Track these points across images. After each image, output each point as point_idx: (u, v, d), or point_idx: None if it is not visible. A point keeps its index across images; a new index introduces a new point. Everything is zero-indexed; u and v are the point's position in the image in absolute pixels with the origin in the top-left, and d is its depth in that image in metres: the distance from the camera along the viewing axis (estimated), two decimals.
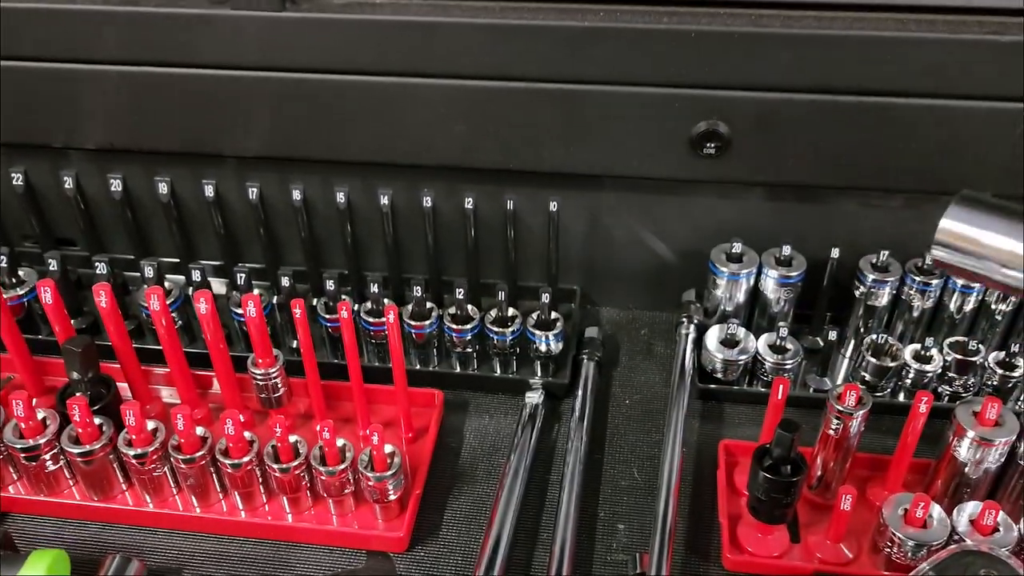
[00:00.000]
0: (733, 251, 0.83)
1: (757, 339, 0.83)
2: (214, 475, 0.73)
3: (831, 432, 0.70)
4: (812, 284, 0.84)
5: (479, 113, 0.80)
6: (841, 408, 0.68)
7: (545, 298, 0.82)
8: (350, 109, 0.81)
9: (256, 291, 0.85)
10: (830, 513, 0.70)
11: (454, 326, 0.83)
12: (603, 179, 0.85)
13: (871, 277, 0.81)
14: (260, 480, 0.73)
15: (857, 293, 0.83)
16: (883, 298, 0.82)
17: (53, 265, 0.85)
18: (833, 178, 0.80)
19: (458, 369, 0.86)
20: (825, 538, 0.70)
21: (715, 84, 0.76)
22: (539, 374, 0.85)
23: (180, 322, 0.86)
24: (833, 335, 0.81)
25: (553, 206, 0.83)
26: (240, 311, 0.84)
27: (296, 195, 0.85)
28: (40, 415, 0.72)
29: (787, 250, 0.83)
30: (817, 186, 0.82)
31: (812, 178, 0.80)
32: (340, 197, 0.85)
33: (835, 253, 0.81)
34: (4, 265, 0.86)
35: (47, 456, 0.72)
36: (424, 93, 0.79)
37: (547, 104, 0.78)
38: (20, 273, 0.88)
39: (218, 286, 0.92)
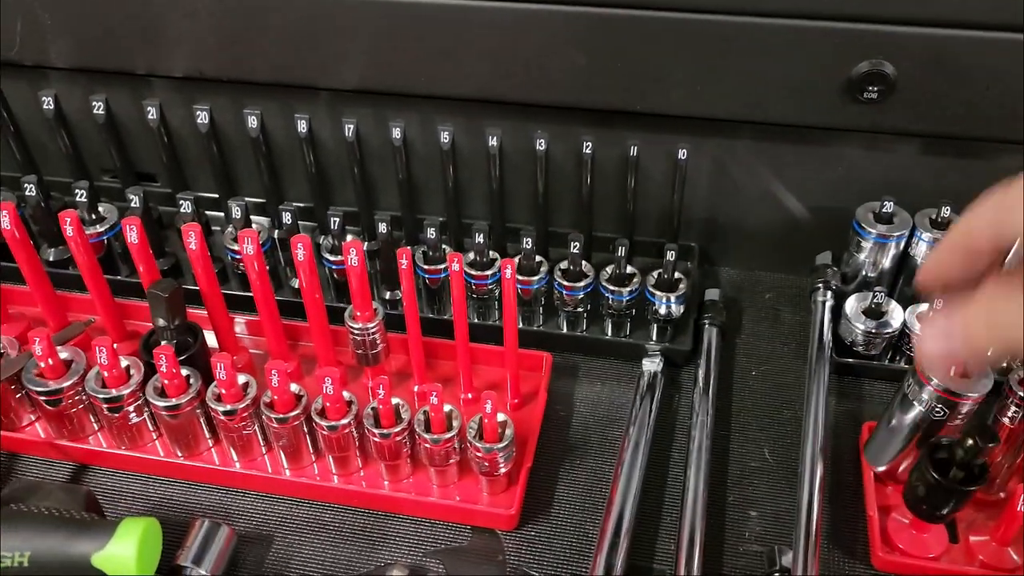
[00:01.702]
0: (883, 211, 0.74)
1: (905, 310, 0.74)
2: (307, 436, 0.67)
3: (1006, 421, 0.61)
4: None
5: (603, 45, 0.71)
6: None
7: (670, 255, 0.73)
8: (457, 38, 0.73)
9: (348, 236, 0.78)
10: (996, 512, 0.62)
11: (565, 283, 0.75)
12: (737, 125, 0.75)
13: None
14: (357, 444, 0.66)
15: None
16: None
17: (135, 201, 0.80)
18: (1006, 131, 0.70)
19: (565, 330, 0.78)
20: (991, 540, 0.62)
21: (882, 18, 0.66)
22: (655, 339, 0.77)
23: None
24: None
25: (682, 154, 0.75)
26: (332, 258, 0.78)
27: (396, 133, 0.78)
28: (123, 363, 0.67)
29: (946, 211, 0.73)
30: (985, 139, 0.72)
31: (982, 130, 0.70)
32: (444, 137, 0.77)
33: None
34: (84, 200, 0.80)
35: (130, 408, 0.67)
36: (542, 21, 0.70)
37: (682, 38, 0.69)
38: (100, 209, 0.83)
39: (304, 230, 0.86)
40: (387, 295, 0.81)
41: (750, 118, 0.73)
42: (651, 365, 0.74)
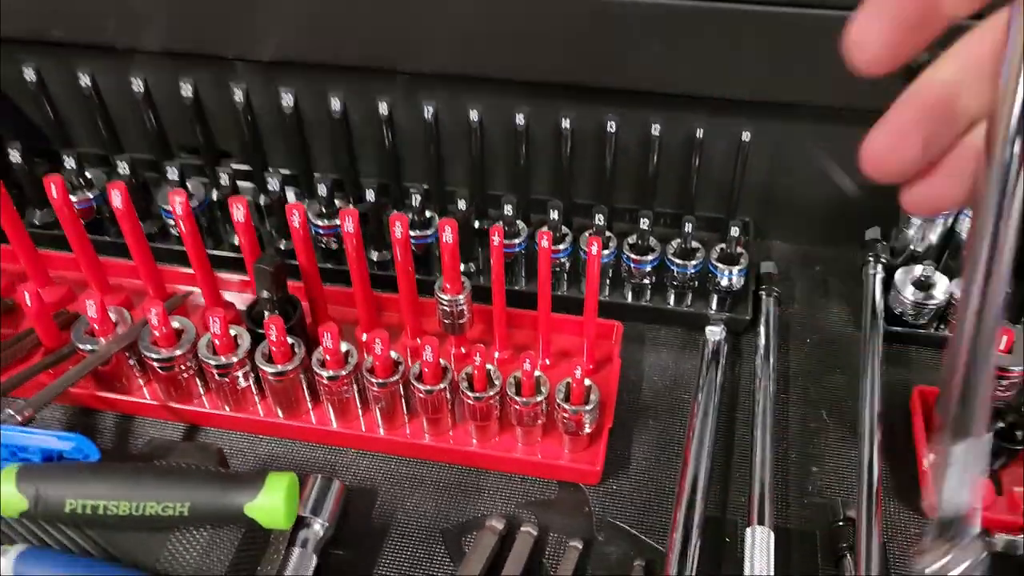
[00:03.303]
0: None
1: (951, 282, 0.79)
2: (403, 398, 0.73)
3: None
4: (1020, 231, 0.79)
5: (681, 33, 0.75)
6: None
7: (734, 231, 0.79)
8: (533, 21, 0.77)
9: (427, 213, 0.84)
10: None
11: (634, 256, 0.81)
12: (797, 107, 0.80)
13: None
14: (449, 405, 0.72)
15: None
16: None
17: (225, 180, 0.85)
18: None
19: (631, 300, 0.84)
20: None
21: None
22: (716, 308, 0.83)
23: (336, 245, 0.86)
24: None
25: (746, 136, 0.80)
26: (415, 233, 0.83)
27: (473, 115, 0.83)
28: (232, 331, 0.72)
29: None
30: None
31: None
32: (519, 119, 0.82)
33: None
34: (176, 178, 0.85)
35: (239, 373, 0.73)
36: (620, 9, 0.75)
37: (754, 27, 0.74)
38: (188, 186, 0.87)
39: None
40: (375, 256, 0.86)
41: (813, 102, 0.78)
42: (715, 333, 0.80)
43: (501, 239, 0.70)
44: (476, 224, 0.88)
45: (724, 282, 0.81)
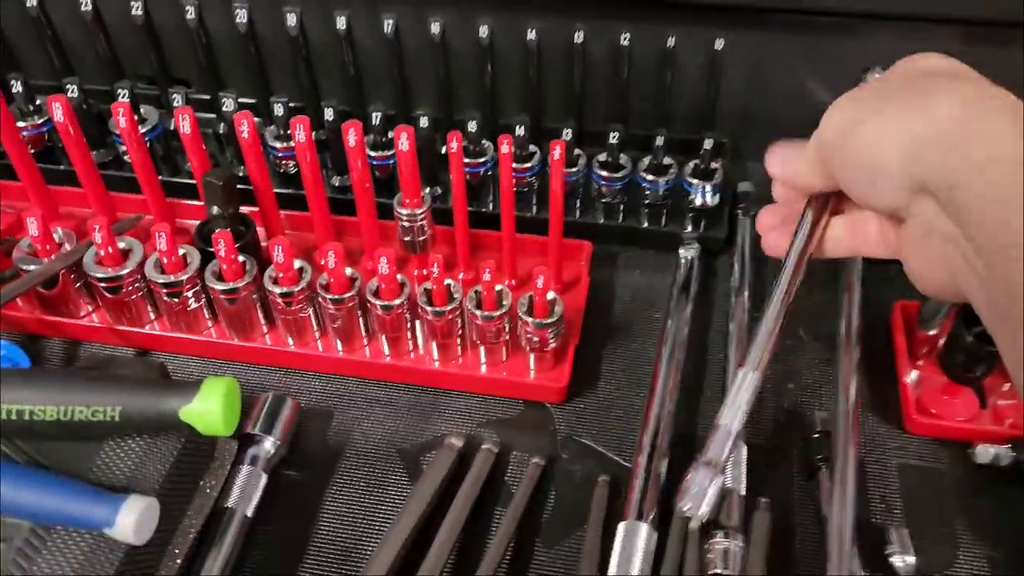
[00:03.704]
0: None
1: None
2: (360, 318, 0.70)
3: None
4: None
5: None
6: None
7: (707, 144, 0.75)
8: None
9: (390, 134, 0.80)
10: None
11: (604, 174, 0.77)
12: (773, 15, 0.77)
13: None
14: (409, 324, 0.69)
15: None
16: None
17: (179, 101, 0.81)
18: None
19: (603, 220, 0.81)
20: (1016, 403, 0.65)
21: None
22: (691, 228, 0.79)
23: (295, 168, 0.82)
24: None
25: (718, 44, 0.76)
26: (374, 153, 0.79)
27: (435, 29, 0.79)
28: (181, 251, 0.69)
29: None
30: (1021, 24, 0.73)
31: (1019, 14, 0.72)
32: (483, 32, 0.79)
33: None
34: (127, 100, 0.81)
35: (189, 293, 0.69)
36: None
37: None
38: (141, 110, 0.84)
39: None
40: (336, 181, 0.83)
41: (786, 5, 0.75)
42: (688, 252, 0.76)
43: (460, 146, 0.67)
44: (444, 150, 0.84)
45: (698, 200, 0.78)
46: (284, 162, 0.82)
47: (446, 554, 0.57)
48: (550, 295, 0.66)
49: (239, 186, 0.73)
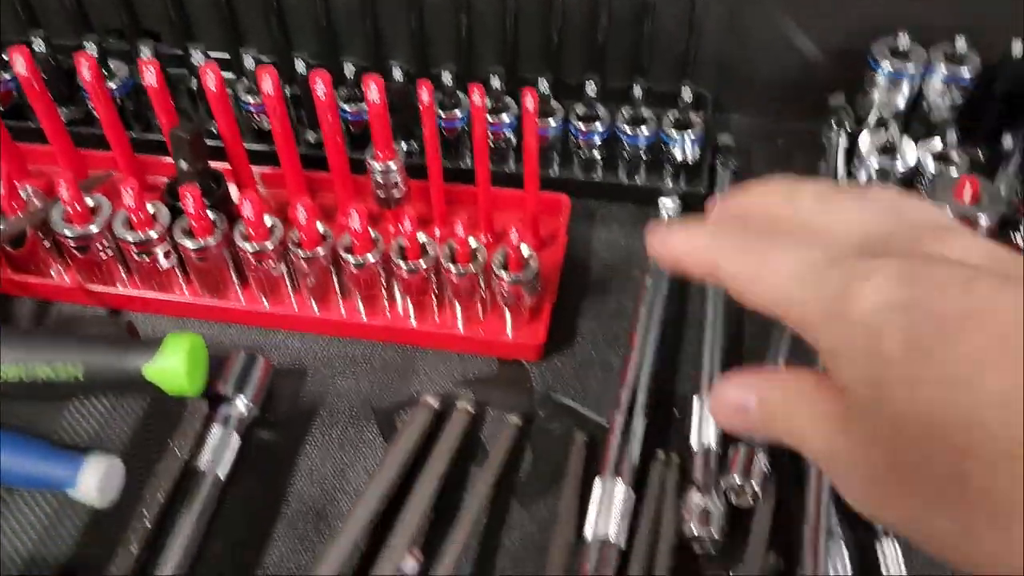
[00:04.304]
0: (898, 47, 0.74)
1: (917, 146, 0.75)
2: (335, 275, 0.68)
3: (1019, 239, 0.63)
4: (984, 92, 0.75)
5: None
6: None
7: (685, 94, 0.74)
8: None
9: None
10: None
11: (582, 126, 0.76)
12: None
13: None
14: (383, 282, 0.68)
15: None
16: None
17: (147, 53, 0.79)
18: None
19: (582, 175, 0.79)
20: None
21: None
22: (671, 182, 0.78)
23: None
24: (1008, 142, 0.73)
25: None
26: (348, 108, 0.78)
27: None
28: (150, 208, 0.68)
29: (961, 45, 0.73)
30: None
31: None
32: None
33: (1017, 49, 0.72)
34: (95, 55, 0.79)
35: (159, 251, 0.68)
36: None
37: None
38: (110, 65, 0.82)
39: None
40: (311, 137, 0.81)
41: None
42: (668, 206, 0.75)
43: (431, 97, 0.65)
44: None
45: (678, 153, 0.76)
46: (257, 117, 0.80)
47: (421, 513, 0.56)
48: (525, 250, 0.65)
49: (211, 143, 0.71)
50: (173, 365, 0.50)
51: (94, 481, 0.47)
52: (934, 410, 0.25)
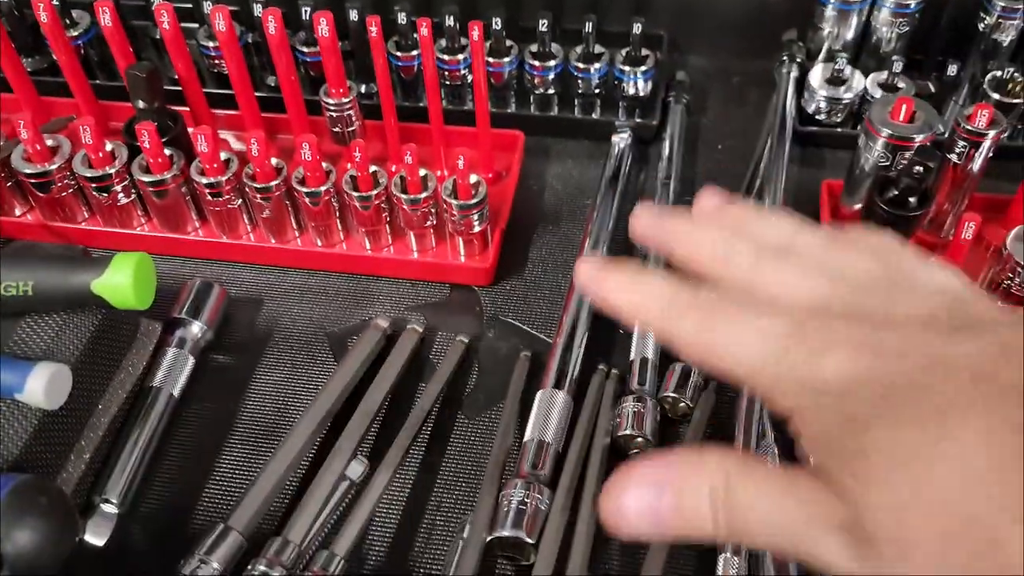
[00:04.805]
0: None
1: (866, 78, 0.76)
2: (290, 209, 0.70)
3: (953, 158, 0.64)
4: (930, 22, 0.76)
5: None
6: (971, 128, 0.62)
7: (636, 29, 0.75)
8: None
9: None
10: (942, 252, 0.66)
11: (536, 63, 0.77)
12: None
13: (1000, 4, 0.73)
14: (337, 214, 0.69)
15: (981, 26, 0.75)
16: (1011, 32, 0.74)
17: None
18: None
19: (537, 112, 0.81)
20: None
21: None
22: (624, 117, 0.79)
23: None
24: (953, 69, 0.74)
25: None
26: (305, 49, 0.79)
27: None
28: (108, 146, 0.69)
29: None
30: None
31: None
32: None
33: None
34: (56, 3, 0.81)
35: (118, 188, 0.70)
36: None
37: None
38: (73, 15, 0.83)
39: None
40: (271, 82, 0.82)
41: None
42: (620, 139, 0.77)
43: (379, 29, 0.67)
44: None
45: (631, 89, 0.78)
46: (217, 62, 0.82)
47: (367, 424, 0.58)
48: (473, 177, 0.66)
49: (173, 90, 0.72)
50: (121, 281, 0.52)
51: (41, 385, 0.49)
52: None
